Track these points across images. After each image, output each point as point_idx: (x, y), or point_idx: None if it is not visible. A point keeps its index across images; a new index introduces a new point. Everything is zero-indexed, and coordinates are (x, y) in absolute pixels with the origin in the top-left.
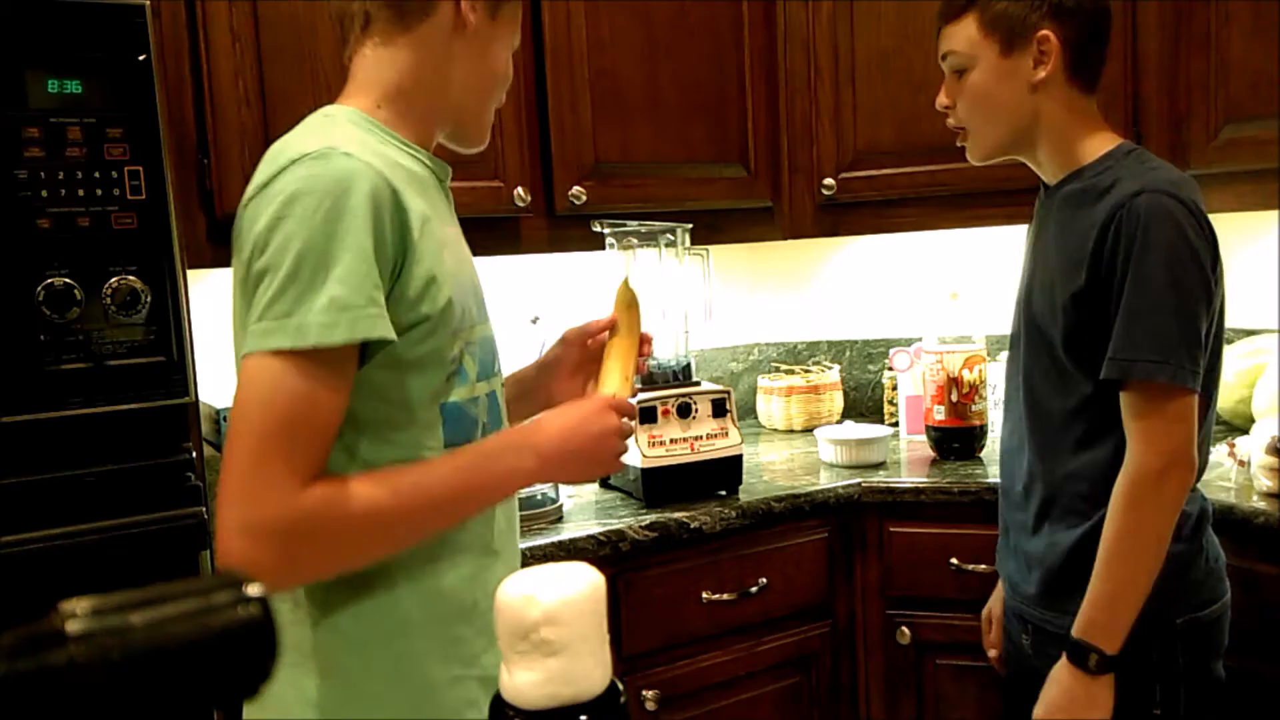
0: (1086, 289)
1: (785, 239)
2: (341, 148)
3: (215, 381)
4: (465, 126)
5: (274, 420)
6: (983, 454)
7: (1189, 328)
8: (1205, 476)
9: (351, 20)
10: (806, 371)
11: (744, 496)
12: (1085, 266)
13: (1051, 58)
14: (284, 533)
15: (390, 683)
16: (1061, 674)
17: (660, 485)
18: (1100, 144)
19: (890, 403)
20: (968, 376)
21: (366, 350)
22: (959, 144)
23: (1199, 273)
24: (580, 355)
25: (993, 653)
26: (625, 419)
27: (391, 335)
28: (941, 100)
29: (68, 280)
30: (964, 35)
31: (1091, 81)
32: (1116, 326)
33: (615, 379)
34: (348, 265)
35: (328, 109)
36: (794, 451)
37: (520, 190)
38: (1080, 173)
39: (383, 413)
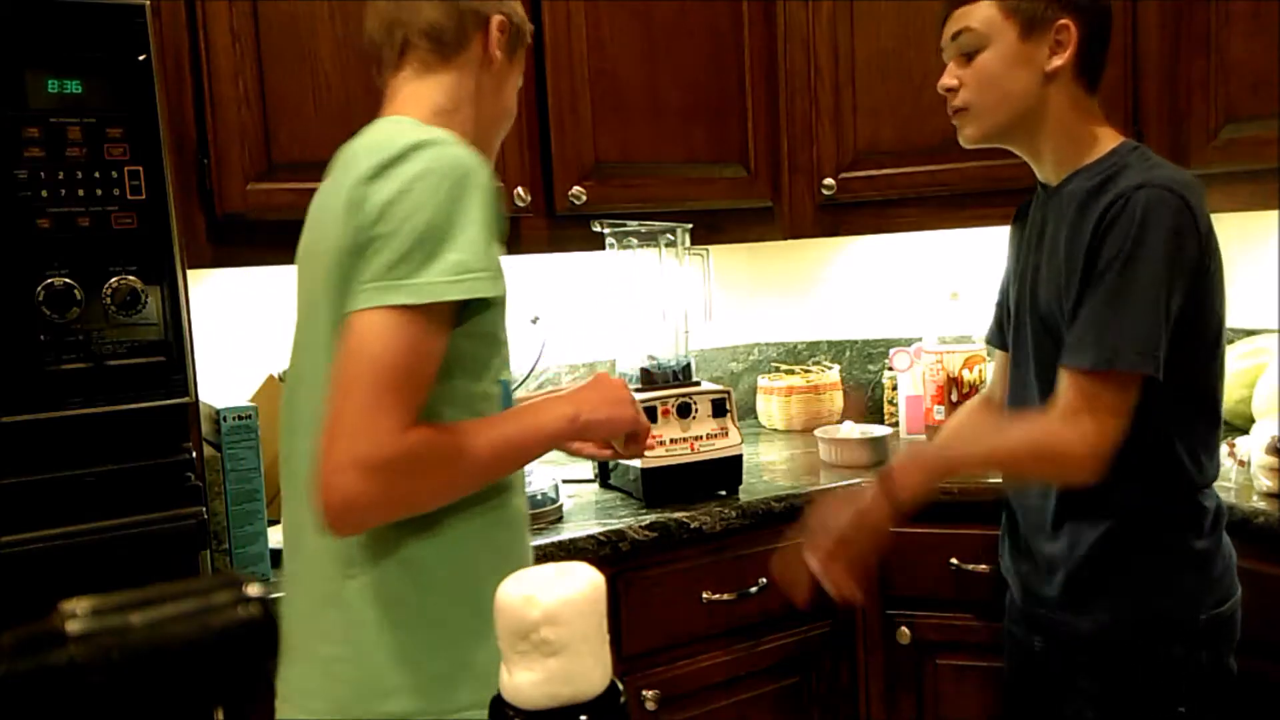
0: (1083, 274)
1: (785, 239)
2: (453, 139)
3: (215, 381)
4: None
5: (389, 368)
6: None
7: (1158, 321)
8: None
9: (392, 48)
10: (806, 371)
11: (744, 496)
12: (1084, 254)
13: (1068, 48)
14: (390, 469)
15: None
16: (869, 495)
17: (660, 485)
18: (1106, 142)
19: (890, 403)
20: (968, 376)
21: (460, 317)
22: (955, 123)
23: (1180, 269)
24: None
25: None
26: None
27: (503, 291)
28: (946, 82)
29: (68, 280)
30: (983, 15)
31: (1095, 81)
32: (1101, 310)
33: None
34: (470, 235)
35: (394, 118)
36: (794, 451)
37: (520, 190)
38: (1085, 170)
39: (461, 381)
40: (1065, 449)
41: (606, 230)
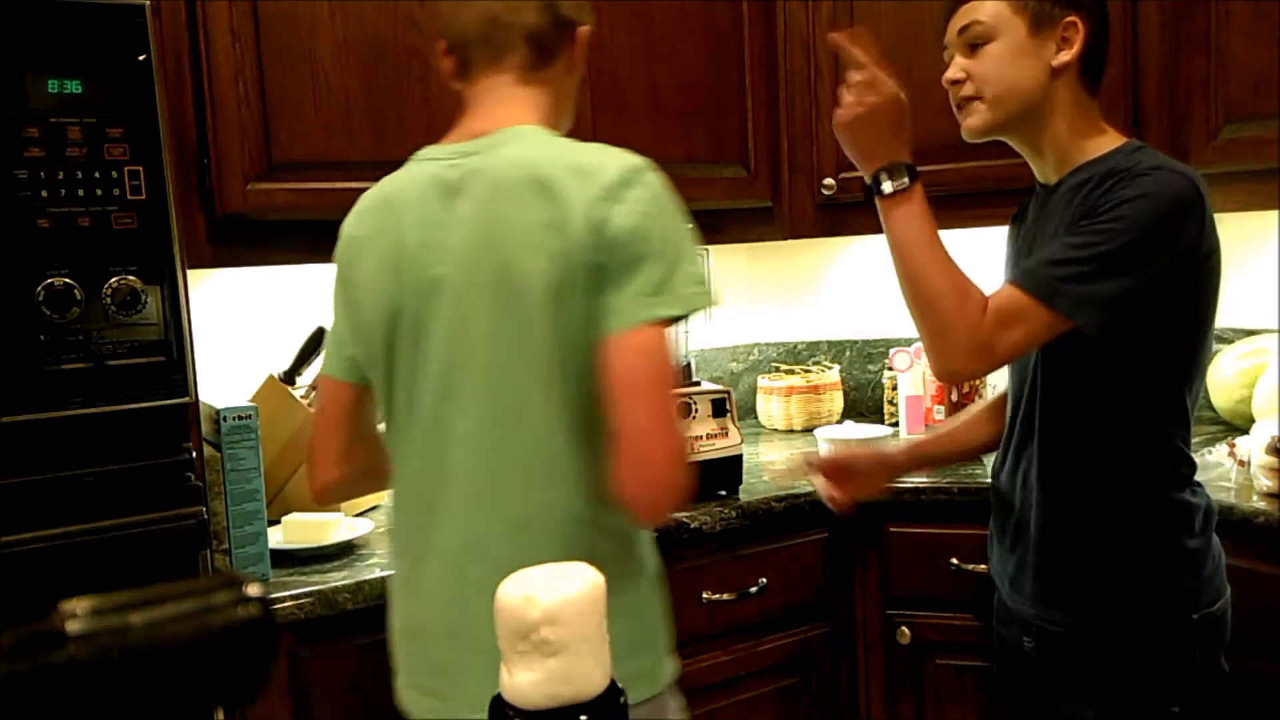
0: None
1: (785, 239)
2: (646, 161)
3: (215, 381)
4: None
5: (670, 372)
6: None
7: (1124, 282)
8: (1205, 476)
9: (489, 47)
10: (806, 371)
11: (744, 496)
12: (1081, 210)
13: (1075, 45)
14: (686, 463)
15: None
16: None
17: None
18: (1106, 141)
19: (890, 403)
20: None
21: None
22: (960, 116)
23: (1173, 244)
24: None
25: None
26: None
27: (720, 303)
28: (952, 74)
29: (68, 280)
30: (993, 8)
31: (1096, 83)
32: (1068, 249)
33: None
34: (692, 250)
35: (539, 130)
36: (794, 451)
37: None
38: (1084, 167)
39: None
40: (960, 323)
41: None
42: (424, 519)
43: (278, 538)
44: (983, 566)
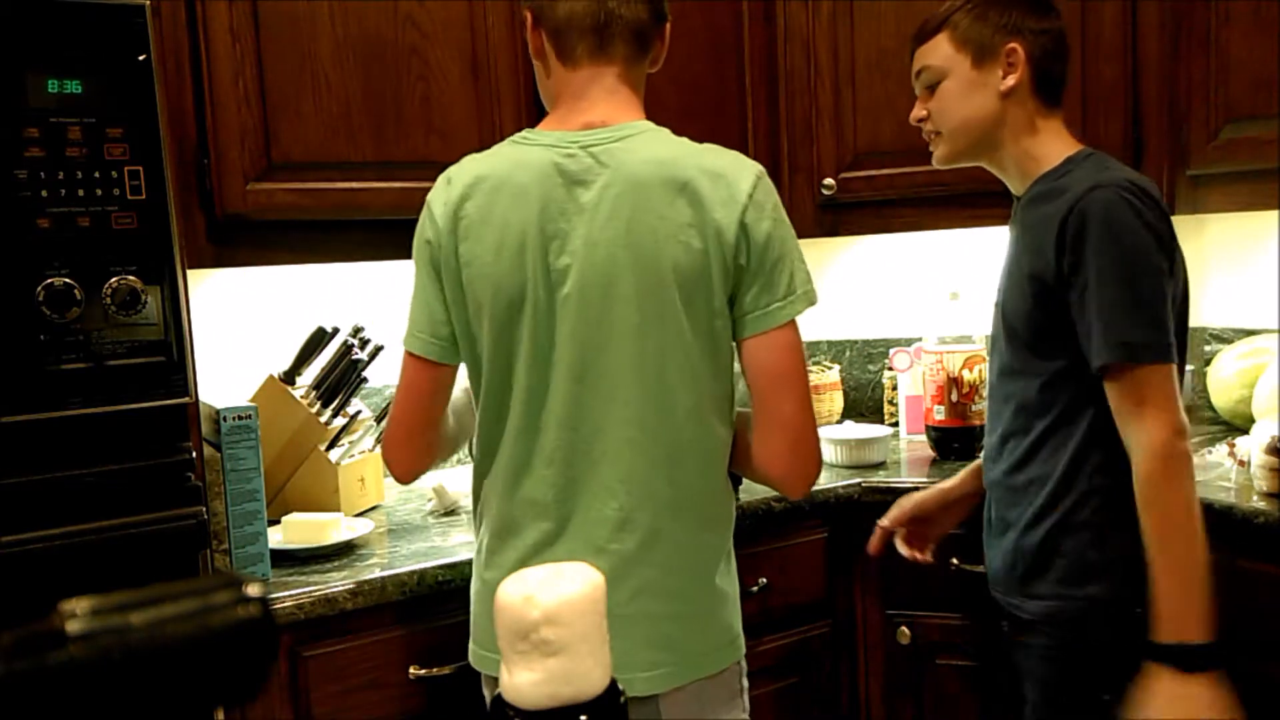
0: (1052, 281)
1: None
2: None
3: (215, 381)
4: None
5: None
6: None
7: (1162, 306)
8: (1205, 477)
9: (599, 35)
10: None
11: (744, 496)
12: (1050, 259)
13: (1019, 67)
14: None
15: None
16: (1165, 686)
17: None
18: (1061, 151)
19: (890, 403)
20: (968, 376)
21: None
22: (930, 149)
23: (1161, 254)
24: None
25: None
26: None
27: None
28: (917, 114)
29: (68, 280)
30: (938, 52)
31: (1054, 99)
32: (1098, 316)
33: None
34: (799, 248)
35: (651, 124)
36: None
37: None
38: (1042, 179)
39: None
40: (1151, 464)
41: None
42: (563, 496)
43: (278, 538)
44: (982, 566)
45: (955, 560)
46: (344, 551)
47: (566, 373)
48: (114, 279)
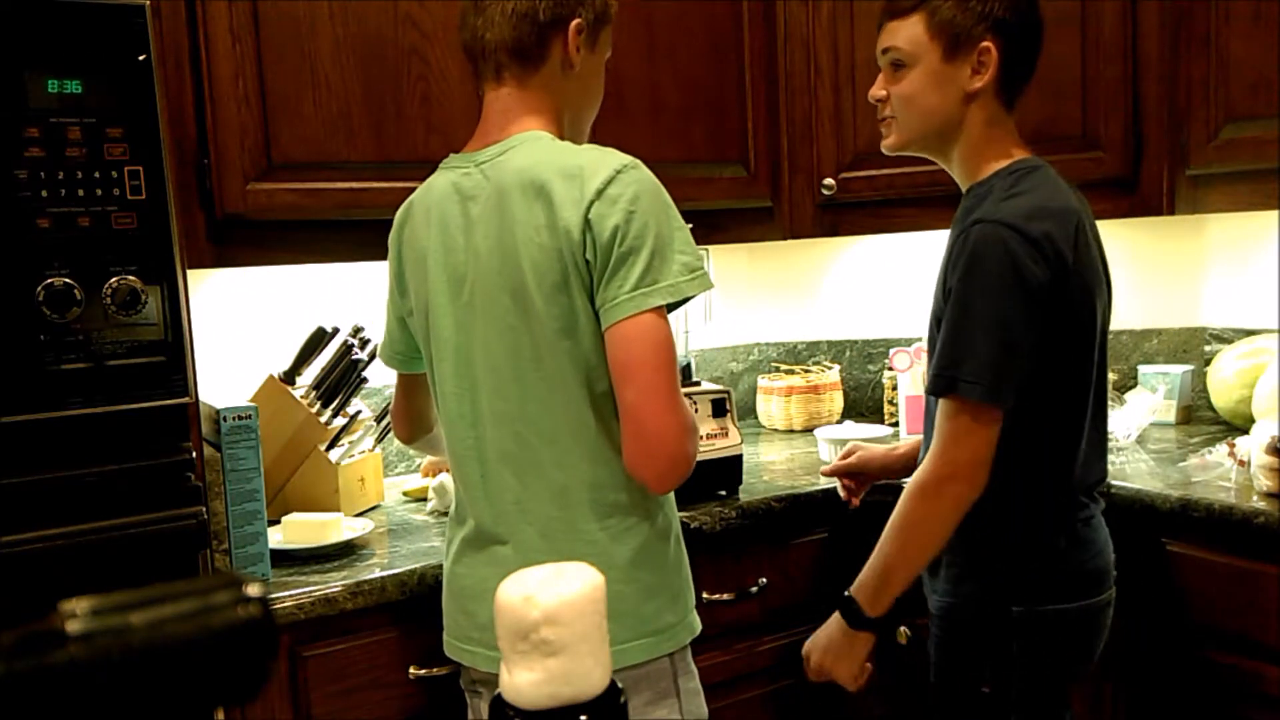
0: (942, 300)
1: (785, 239)
2: (634, 161)
3: (215, 381)
4: (575, 141)
5: (670, 356)
6: None
7: (1005, 350)
8: (1205, 476)
9: (486, 63)
10: (806, 371)
11: (744, 496)
12: (941, 279)
13: (989, 70)
14: (695, 434)
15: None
16: (834, 619)
17: None
18: (996, 163)
19: (890, 403)
20: None
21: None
22: (881, 130)
23: (1023, 297)
24: None
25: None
26: None
27: (712, 286)
28: (876, 92)
29: (68, 280)
30: (909, 34)
31: (1014, 100)
32: (940, 342)
33: None
34: (684, 239)
35: (540, 135)
36: (794, 451)
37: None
38: (975, 186)
39: None
40: (919, 483)
41: None
42: (478, 492)
43: (278, 538)
44: None
45: None
46: (344, 551)
47: (468, 375)
48: (114, 279)
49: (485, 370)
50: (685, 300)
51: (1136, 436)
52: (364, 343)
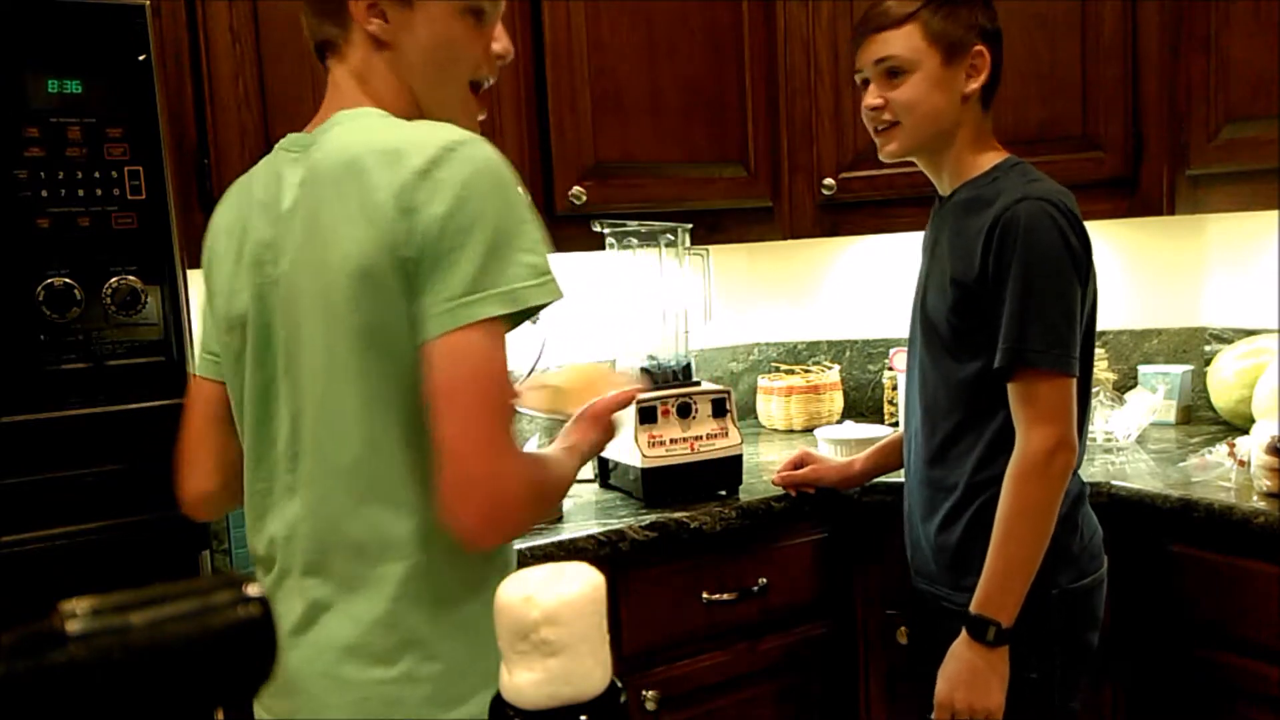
0: (974, 285)
1: (785, 239)
2: (475, 137)
3: None
4: (435, 116)
5: (498, 385)
6: None
7: (1068, 320)
8: (1205, 476)
9: (316, 51)
10: (806, 371)
11: (744, 496)
12: (975, 265)
13: (983, 72)
14: (528, 491)
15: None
16: (961, 648)
17: (660, 485)
18: (991, 158)
19: (890, 403)
20: None
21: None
22: (878, 139)
23: (1075, 271)
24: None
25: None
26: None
27: (562, 296)
28: (873, 102)
29: (68, 280)
30: (906, 42)
31: (990, 101)
32: (1006, 320)
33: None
34: (531, 235)
35: (366, 109)
36: (794, 452)
37: (519, 190)
38: (971, 183)
39: None
40: (1024, 466)
41: (606, 230)
42: (279, 532)
43: None
44: None
45: None
46: None
47: (284, 396)
48: (114, 279)
49: (299, 397)
50: (530, 312)
51: (1136, 436)
52: None
